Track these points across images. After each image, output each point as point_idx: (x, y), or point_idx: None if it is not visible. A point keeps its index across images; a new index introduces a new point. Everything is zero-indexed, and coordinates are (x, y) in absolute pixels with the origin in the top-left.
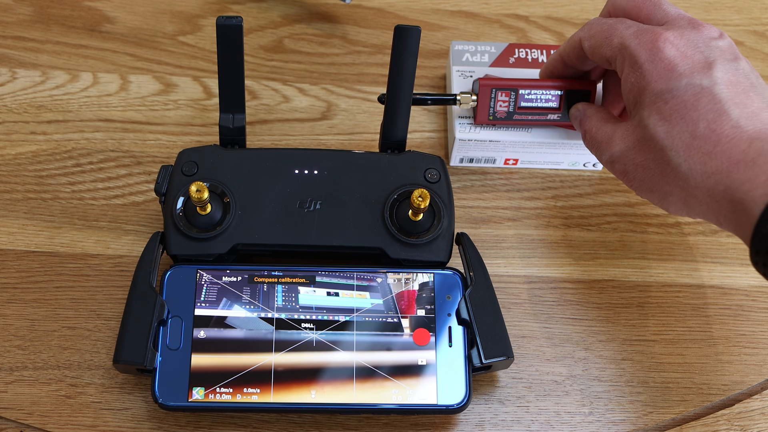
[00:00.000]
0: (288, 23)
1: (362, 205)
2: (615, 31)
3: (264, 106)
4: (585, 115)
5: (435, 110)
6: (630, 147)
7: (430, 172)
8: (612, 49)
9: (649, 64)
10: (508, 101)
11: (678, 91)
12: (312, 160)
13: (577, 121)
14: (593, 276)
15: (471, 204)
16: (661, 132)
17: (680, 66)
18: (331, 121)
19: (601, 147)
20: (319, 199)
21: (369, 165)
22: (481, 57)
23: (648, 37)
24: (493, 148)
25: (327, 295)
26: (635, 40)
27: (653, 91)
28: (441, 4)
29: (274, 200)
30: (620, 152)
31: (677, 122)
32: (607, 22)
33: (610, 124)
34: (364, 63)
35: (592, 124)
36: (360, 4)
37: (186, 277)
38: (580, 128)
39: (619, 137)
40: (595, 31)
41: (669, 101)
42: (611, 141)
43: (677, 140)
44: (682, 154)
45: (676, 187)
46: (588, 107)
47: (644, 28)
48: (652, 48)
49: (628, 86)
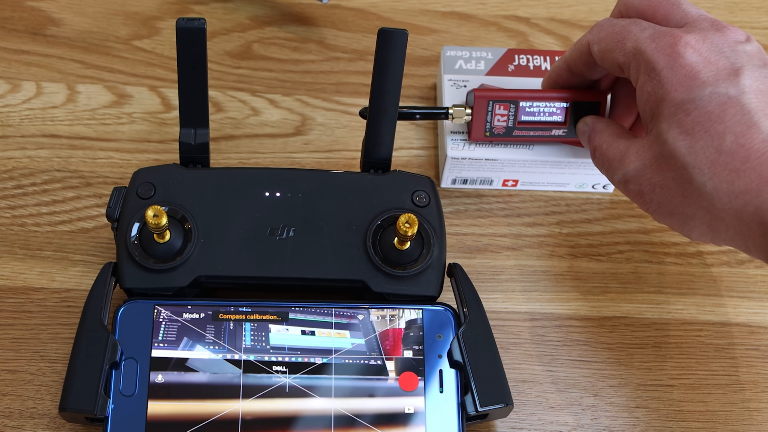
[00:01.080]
0: (257, 26)
1: (341, 232)
2: (628, 33)
3: (230, 119)
4: (594, 129)
5: (424, 125)
6: (646, 165)
7: (419, 195)
8: (625, 54)
9: (667, 70)
10: (506, 115)
11: (701, 101)
12: (285, 182)
13: (585, 136)
14: (603, 312)
15: (465, 231)
16: (683, 147)
17: (703, 73)
18: (306, 136)
19: (612, 165)
20: (292, 225)
21: (349, 187)
22: (476, 64)
23: (666, 40)
24: (489, 168)
25: (302, 334)
26: (651, 43)
27: (673, 101)
28: (431, 4)
29: (241, 227)
30: (635, 171)
31: (701, 136)
32: (619, 23)
33: (623, 139)
34: (344, 71)
35: (603, 140)
36: (339, 5)
37: (142, 314)
38: (588, 145)
39: (633, 154)
40: (605, 34)
41: (691, 112)
42: (624, 158)
43: (701, 156)
44: (707, 172)
45: (700, 209)
46: (598, 121)
47: (661, 31)
48: (671, 53)
49: (644, 96)
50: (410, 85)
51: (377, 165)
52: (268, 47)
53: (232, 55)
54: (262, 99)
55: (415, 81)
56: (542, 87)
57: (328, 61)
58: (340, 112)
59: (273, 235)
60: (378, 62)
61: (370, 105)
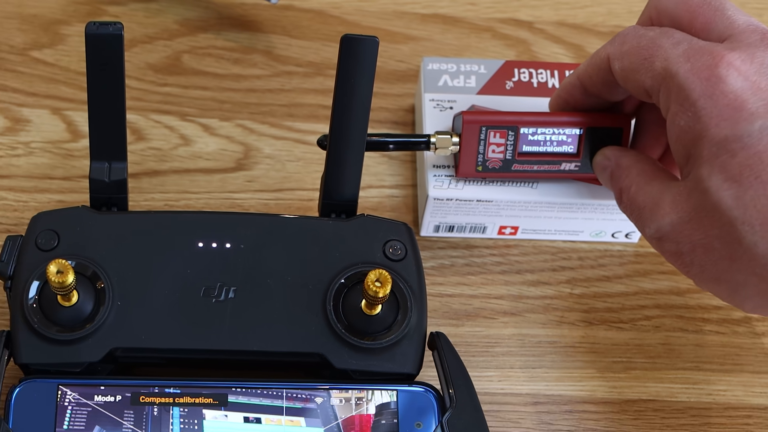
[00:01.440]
0: (188, 32)
1: (295, 292)
2: (657, 49)
3: (154, 150)
4: (619, 165)
5: (399, 158)
6: (684, 219)
7: (392, 246)
8: (653, 76)
9: (705, 99)
10: (504, 144)
11: (749, 138)
12: (223, 229)
13: (606, 173)
14: (626, 394)
15: (450, 291)
16: (728, 198)
17: (750, 102)
18: (250, 172)
19: (643, 215)
20: (232, 284)
21: (304, 235)
22: (465, 80)
23: (704, 60)
24: (483, 212)
25: (244, 421)
26: (686, 63)
27: (714, 139)
28: (408, 4)
29: (168, 286)
30: (671, 226)
31: (750, 183)
32: (647, 34)
33: (657, 181)
34: (298, 89)
35: (631, 180)
36: (291, 5)
37: (42, 396)
38: (611, 185)
39: (669, 203)
40: (629, 48)
41: (737, 153)
42: (658, 207)
43: (751, 209)
44: (759, 229)
45: (752, 276)
46: (623, 154)
47: (699, 47)
48: (709, 76)
49: (677, 131)
50: (382, 106)
51: (340, 208)
52: (202, 59)
53: (157, 69)
54: (195, 125)
55: (389, 102)
56: (550, 109)
57: (277, 76)
58: (292, 141)
59: (208, 297)
60: (341, 78)
61: (331, 132)
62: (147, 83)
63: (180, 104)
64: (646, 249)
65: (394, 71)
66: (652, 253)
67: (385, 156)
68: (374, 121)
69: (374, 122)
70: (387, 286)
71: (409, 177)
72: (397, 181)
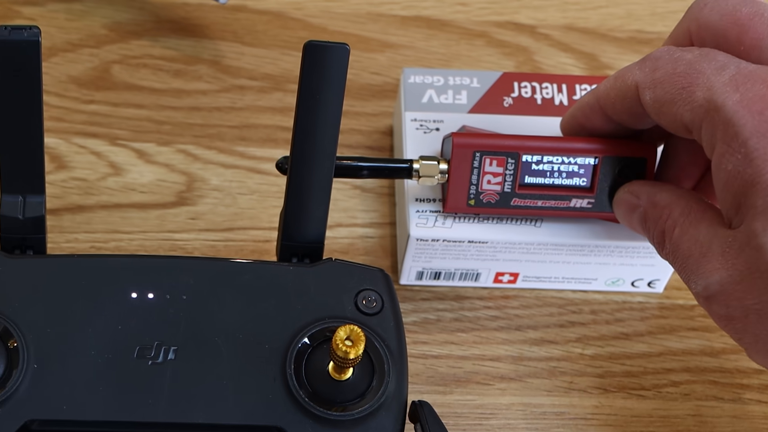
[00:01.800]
0: (119, 38)
1: (248, 353)
2: (698, 75)
3: (78, 181)
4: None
5: (375, 188)
6: (735, 278)
7: (366, 297)
8: (693, 109)
9: (759, 139)
10: (502, 174)
11: None
12: (161, 277)
13: (636, 214)
14: None
15: (437, 351)
16: None
17: None
18: (194, 207)
19: (689, 265)
20: (173, 343)
21: (260, 284)
22: (454, 96)
23: (756, 89)
24: (476, 255)
25: None
26: (734, 94)
27: None
28: (385, 4)
29: (95, 346)
30: (720, 285)
31: None
32: (684, 57)
33: (705, 223)
34: (252, 107)
35: (674, 221)
36: (244, 5)
37: None
38: (643, 228)
39: (718, 255)
40: (663, 75)
41: None
42: (706, 260)
43: None
44: None
45: None
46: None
47: (749, 72)
48: (763, 109)
49: (724, 176)
50: (354, 128)
51: (303, 251)
52: (136, 71)
53: (81, 82)
54: (127, 150)
55: (362, 122)
56: (562, 132)
57: (227, 91)
58: (245, 170)
59: (143, 359)
60: (304, 93)
61: (293, 159)
62: (69, 100)
63: (109, 125)
64: (672, 301)
65: (368, 85)
66: (680, 306)
67: (358, 188)
68: (344, 146)
69: (344, 147)
70: (359, 346)
71: (386, 213)
72: (372, 218)
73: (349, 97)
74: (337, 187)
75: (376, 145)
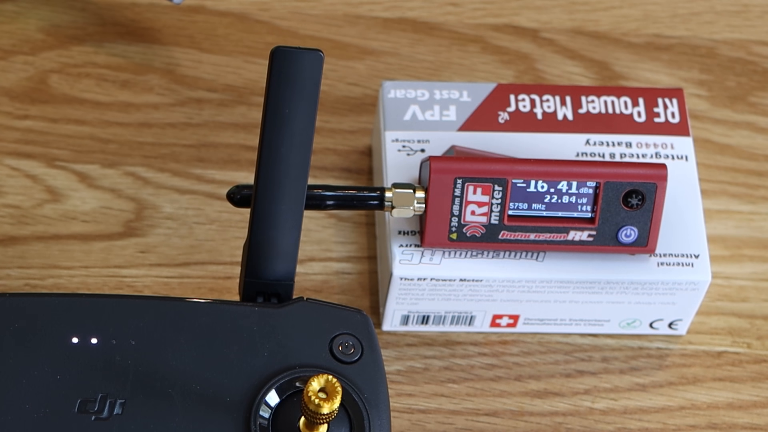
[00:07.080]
0: (59, 43)
1: (207, 407)
2: None
3: (11, 209)
4: None
5: (352, 218)
6: None
7: (343, 343)
8: None
9: None
10: (488, 204)
11: None
12: (106, 319)
13: None
14: None
15: (424, 405)
16: None
17: None
18: (144, 239)
19: None
20: (119, 395)
21: (220, 328)
22: (442, 112)
23: None
24: (469, 295)
25: None
26: None
27: None
28: (364, 4)
29: (31, 398)
30: None
31: None
32: None
33: None
34: (211, 123)
35: None
36: (202, 5)
37: None
38: None
39: None
40: None
41: None
42: None
43: None
44: None
45: None
46: None
47: None
48: None
49: None
50: (328, 147)
51: (270, 289)
52: (78, 81)
53: (14, 95)
54: (67, 173)
55: (337, 140)
56: None
57: (182, 105)
58: (203, 197)
59: (86, 414)
60: (271, 107)
61: (258, 183)
62: (1, 115)
63: (46, 144)
64: (695, 346)
65: (345, 98)
66: (704, 352)
67: (333, 217)
68: (317, 168)
69: (317, 169)
70: (335, 399)
71: (365, 246)
72: (350, 251)
73: (324, 112)
74: (309, 215)
75: (354, 167)
